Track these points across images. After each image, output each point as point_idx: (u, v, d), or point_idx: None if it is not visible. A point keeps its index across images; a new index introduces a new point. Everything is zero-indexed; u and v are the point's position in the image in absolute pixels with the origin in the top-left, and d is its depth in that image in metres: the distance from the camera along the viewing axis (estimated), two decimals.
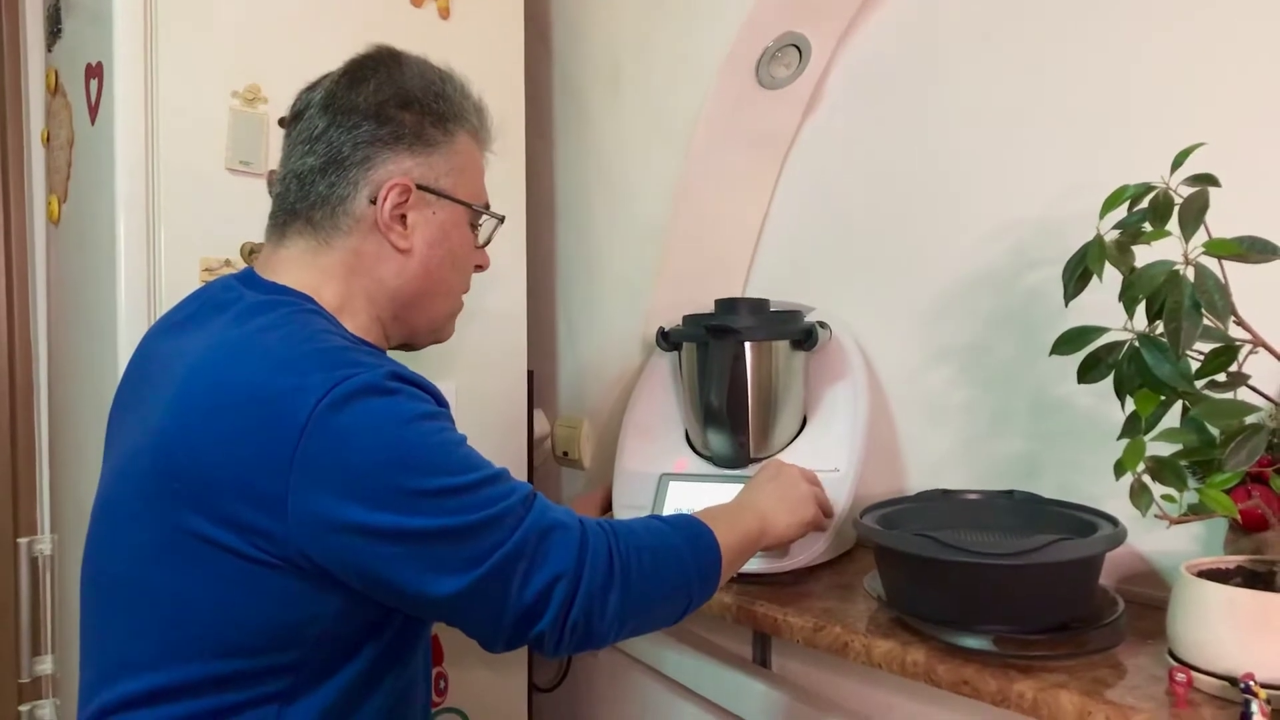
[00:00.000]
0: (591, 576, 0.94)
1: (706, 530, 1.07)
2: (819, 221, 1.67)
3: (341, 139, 1.05)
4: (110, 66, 1.42)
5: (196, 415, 0.92)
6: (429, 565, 0.89)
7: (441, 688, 1.68)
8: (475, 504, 0.91)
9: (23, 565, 2.00)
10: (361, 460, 0.88)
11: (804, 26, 1.52)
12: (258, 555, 0.89)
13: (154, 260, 1.43)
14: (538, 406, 1.95)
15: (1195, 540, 1.12)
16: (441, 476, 0.90)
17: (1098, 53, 1.27)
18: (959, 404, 1.42)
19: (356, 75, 1.08)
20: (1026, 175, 1.34)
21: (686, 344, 1.47)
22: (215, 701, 0.92)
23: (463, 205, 1.12)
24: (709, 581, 1.06)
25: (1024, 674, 0.97)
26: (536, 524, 0.93)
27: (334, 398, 0.88)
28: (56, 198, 1.84)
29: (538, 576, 0.92)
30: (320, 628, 0.94)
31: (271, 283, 1.06)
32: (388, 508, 0.88)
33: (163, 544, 0.92)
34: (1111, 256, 0.95)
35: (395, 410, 0.91)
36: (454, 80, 1.13)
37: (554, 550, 0.93)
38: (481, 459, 0.96)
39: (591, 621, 0.94)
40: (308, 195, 1.07)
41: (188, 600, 0.92)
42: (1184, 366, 0.91)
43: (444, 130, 1.10)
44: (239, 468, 0.88)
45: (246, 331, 0.97)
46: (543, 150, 1.98)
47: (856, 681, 1.40)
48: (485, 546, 0.90)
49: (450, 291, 1.16)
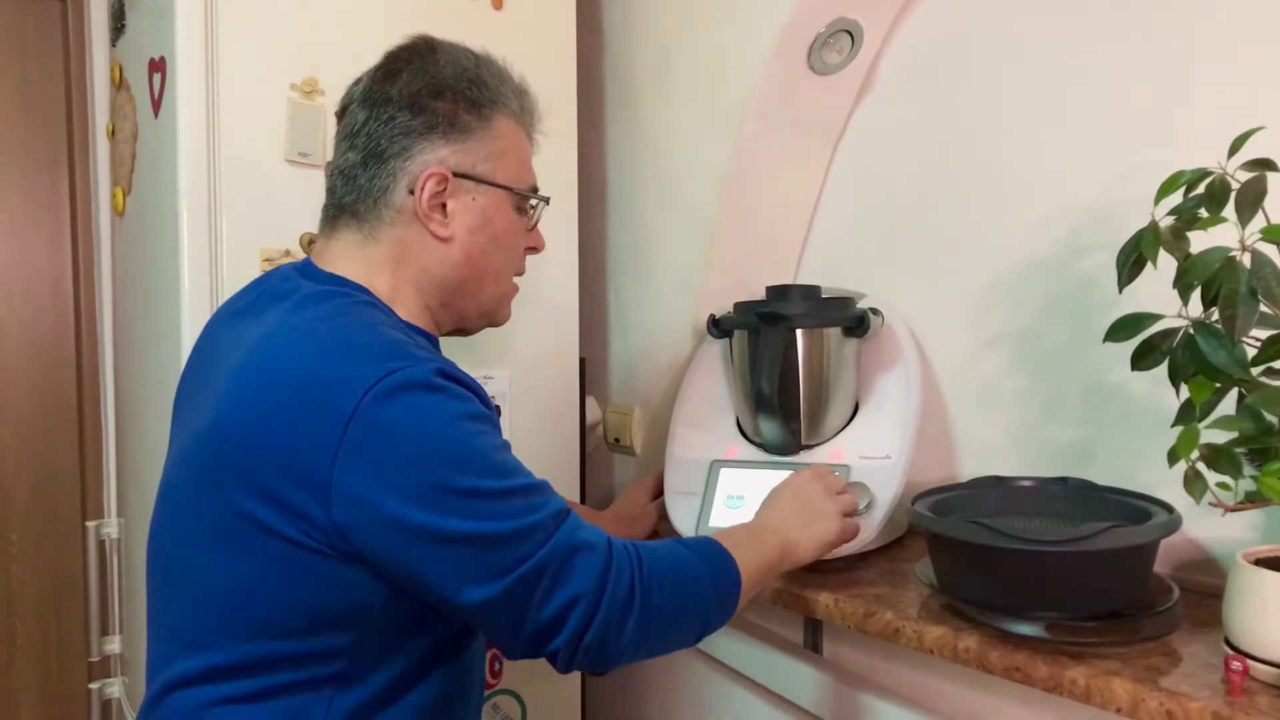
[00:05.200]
0: (611, 600, 0.94)
1: (729, 558, 1.07)
2: (871, 208, 1.67)
3: (379, 131, 1.07)
4: (173, 61, 1.46)
5: (250, 402, 0.95)
6: (457, 570, 0.91)
7: (496, 670, 1.71)
8: (508, 511, 0.92)
9: (91, 548, 2.06)
10: (403, 453, 0.89)
11: (856, 11, 1.52)
12: (305, 541, 0.91)
13: (215, 250, 1.47)
14: (589, 394, 1.97)
15: (1252, 528, 1.11)
16: (478, 477, 0.92)
17: (1154, 35, 1.25)
18: (1011, 390, 1.42)
19: (391, 68, 1.10)
20: (1079, 160, 1.33)
21: (738, 331, 1.48)
22: (271, 680, 0.95)
23: (503, 189, 1.12)
24: (726, 609, 1.07)
25: (1076, 660, 0.96)
26: (565, 542, 0.94)
27: (381, 390, 0.89)
28: (121, 190, 1.89)
29: (559, 594, 0.93)
30: (370, 614, 0.95)
31: (328, 273, 1.08)
32: (423, 503, 0.89)
33: (217, 527, 0.95)
34: (1166, 243, 0.94)
35: (440, 407, 0.93)
36: (491, 65, 1.13)
37: (578, 570, 0.94)
38: (520, 467, 0.97)
39: (606, 645, 0.95)
40: (352, 189, 1.09)
41: (240, 582, 0.95)
42: (1239, 353, 0.90)
43: (479, 116, 1.10)
44: (288, 453, 0.91)
45: (302, 321, 1.00)
46: (594, 138, 1.99)
47: (907, 667, 1.40)
48: (513, 558, 0.91)
49: (498, 276, 1.16)
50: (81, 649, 2.30)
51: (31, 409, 2.38)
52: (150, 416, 1.71)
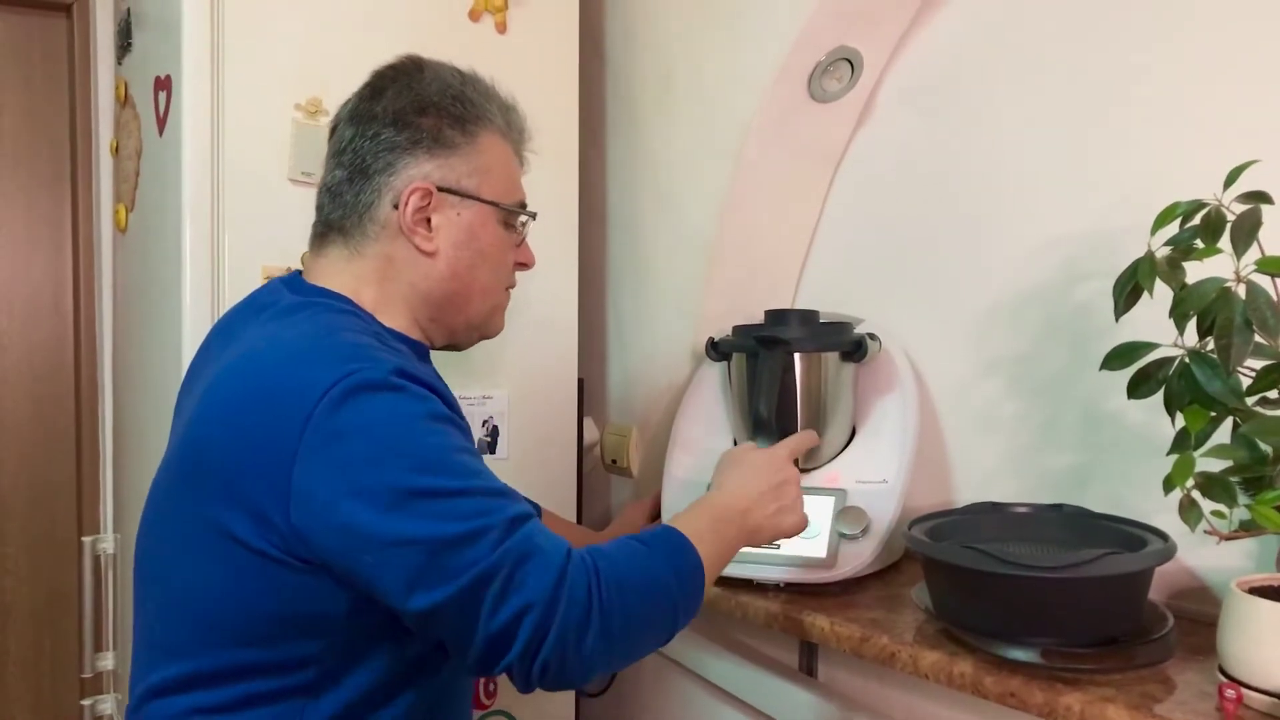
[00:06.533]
0: (567, 614, 0.88)
1: (692, 551, 1.01)
2: (869, 233, 1.68)
3: (364, 148, 1.08)
4: (178, 79, 1.47)
5: (219, 412, 0.97)
6: (406, 575, 0.87)
7: (491, 690, 1.71)
8: (459, 513, 0.89)
9: (86, 563, 2.05)
10: (357, 454, 0.89)
11: (856, 41, 1.53)
12: (268, 549, 0.91)
13: (218, 268, 1.47)
14: (587, 414, 1.97)
15: (1247, 556, 1.11)
16: (432, 476, 0.90)
17: (1150, 68, 1.26)
18: (1008, 416, 1.42)
19: (377, 86, 1.11)
20: (1077, 188, 1.34)
21: (736, 354, 1.48)
22: (243, 690, 0.95)
23: (489, 204, 1.12)
24: (693, 605, 1.01)
25: (1071, 687, 0.97)
26: (517, 548, 0.89)
27: (337, 392, 0.89)
28: (124, 206, 1.90)
29: (509, 603, 0.87)
30: (334, 623, 0.95)
31: (313, 286, 1.10)
32: (374, 505, 0.87)
33: (190, 535, 0.97)
34: (1162, 273, 0.95)
35: (396, 407, 0.92)
36: (477, 83, 1.14)
37: (530, 578, 0.88)
38: (481, 470, 0.95)
39: (566, 663, 0.88)
40: (338, 205, 1.10)
41: (212, 591, 0.96)
42: (1235, 383, 0.91)
43: (463, 132, 1.10)
44: (252, 460, 0.91)
45: (273, 330, 1.02)
46: (595, 159, 2.00)
47: (903, 692, 1.40)
48: (462, 562, 0.87)
49: (485, 291, 1.15)
50: (74, 664, 2.29)
51: (30, 423, 2.38)
52: (148, 432, 1.72)
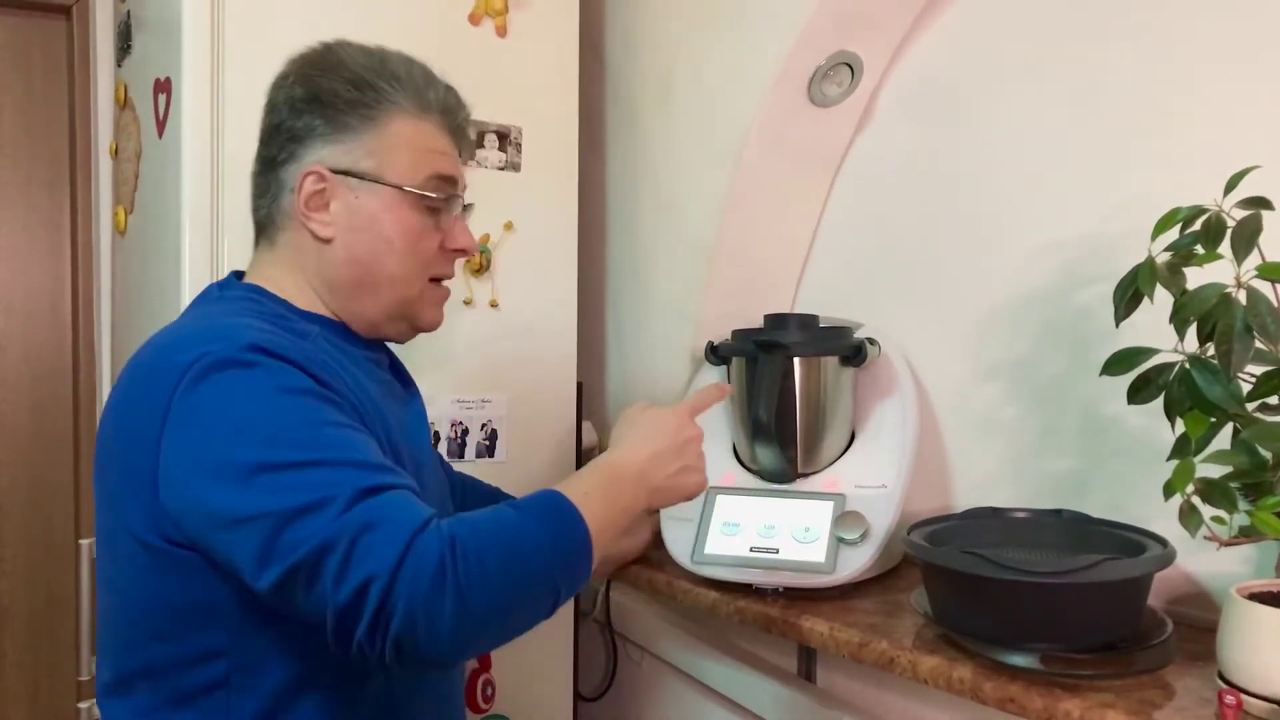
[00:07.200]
0: (414, 584, 0.81)
1: (574, 514, 0.93)
2: (868, 238, 1.68)
3: (270, 139, 1.09)
4: (178, 82, 1.47)
5: (109, 410, 0.99)
6: (255, 552, 0.84)
7: (488, 694, 1.70)
8: (305, 484, 0.84)
9: (83, 566, 2.04)
10: (207, 433, 0.88)
11: (856, 45, 1.53)
12: (154, 539, 0.91)
13: (217, 270, 1.48)
14: (586, 418, 1.97)
15: (1246, 562, 1.11)
16: (273, 450, 0.86)
17: (1151, 73, 1.26)
18: (1007, 421, 1.42)
19: (284, 74, 1.10)
20: (1076, 193, 1.34)
21: (735, 358, 1.48)
22: (167, 689, 0.95)
23: (392, 187, 1.07)
24: (577, 569, 0.93)
25: (1070, 693, 0.96)
26: (360, 517, 0.83)
27: (193, 373, 0.89)
28: (123, 209, 1.90)
29: (352, 575, 0.81)
30: (229, 609, 0.93)
31: (241, 282, 1.10)
32: (220, 481, 0.86)
33: (103, 536, 0.99)
34: (1163, 278, 0.95)
35: (248, 382, 0.90)
36: (389, 64, 1.10)
37: (373, 549, 0.82)
38: (340, 441, 0.90)
39: (419, 638, 0.82)
40: (256, 198, 1.11)
41: (123, 589, 0.97)
42: (1235, 389, 0.91)
43: (362, 115, 1.07)
44: (133, 450, 0.92)
45: (170, 326, 1.03)
46: (595, 162, 2.01)
47: (901, 697, 1.40)
48: (303, 534, 0.82)
49: (394, 279, 1.09)
50: (71, 667, 2.29)
51: (27, 425, 2.38)
52: None
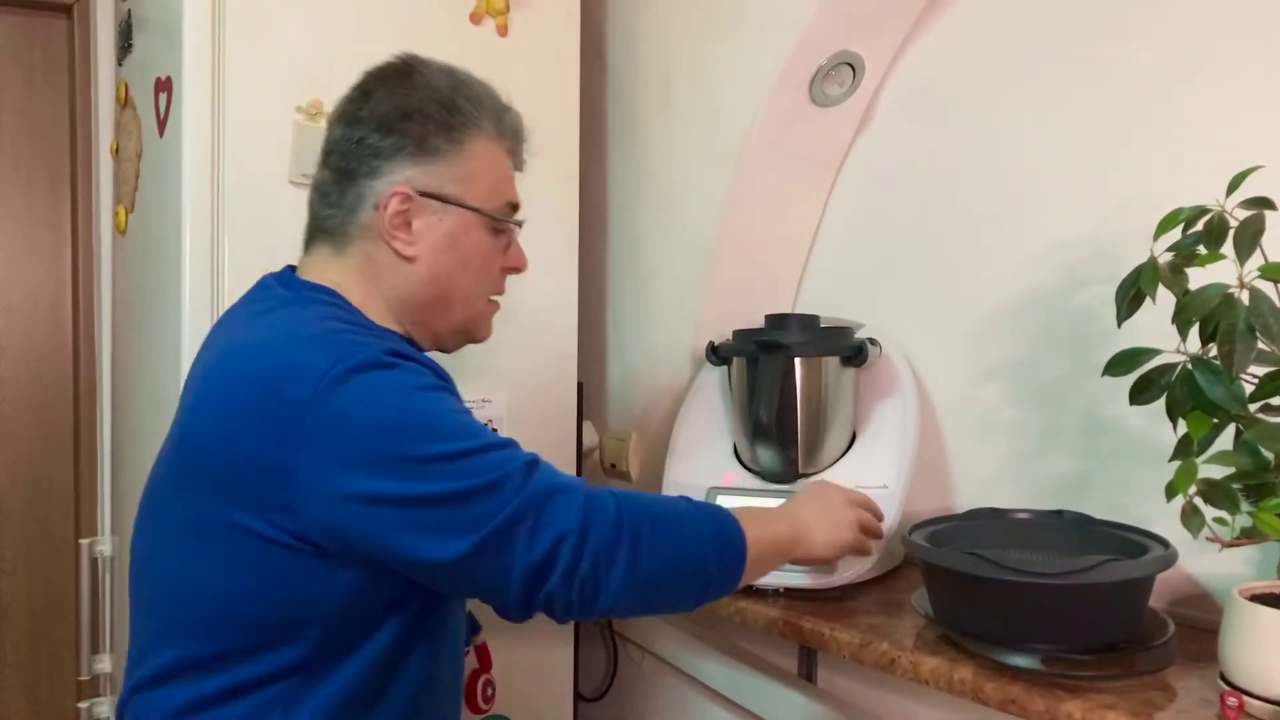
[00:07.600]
0: (599, 534, 0.94)
1: (733, 520, 1.07)
2: (870, 238, 1.68)
3: (350, 151, 1.09)
4: (179, 81, 1.47)
5: (210, 406, 0.99)
6: (433, 530, 0.91)
7: (489, 695, 1.70)
8: (475, 469, 0.93)
9: (84, 566, 2.05)
10: (363, 430, 0.91)
11: (857, 45, 1.53)
12: (273, 534, 0.92)
13: (217, 270, 1.47)
14: (587, 418, 1.97)
15: (1248, 563, 1.11)
16: (441, 442, 0.93)
17: (1151, 73, 1.26)
18: (1009, 422, 1.42)
19: (365, 88, 1.11)
20: (1077, 193, 1.34)
21: (736, 359, 1.48)
22: (231, 677, 0.96)
23: (472, 211, 1.11)
24: (730, 566, 1.05)
25: (1072, 694, 0.96)
26: (540, 486, 0.95)
27: (334, 375, 0.92)
28: (124, 208, 1.89)
29: (544, 535, 0.92)
30: (334, 604, 0.96)
31: (304, 280, 1.11)
32: (390, 475, 0.91)
33: (184, 529, 0.99)
34: (1165, 279, 0.95)
35: (395, 382, 0.95)
36: (468, 86, 1.12)
37: (558, 510, 0.94)
38: (483, 428, 0.99)
39: (599, 579, 0.94)
40: (325, 205, 1.11)
41: (203, 581, 0.97)
42: (1237, 389, 0.91)
43: (449, 139, 1.09)
44: (251, 447, 0.93)
45: (264, 323, 1.03)
46: (595, 163, 2.00)
47: (902, 698, 1.40)
48: (488, 509, 0.91)
49: (467, 298, 1.14)
50: (71, 667, 2.29)
51: (28, 424, 2.38)
52: (146, 435, 1.71)
